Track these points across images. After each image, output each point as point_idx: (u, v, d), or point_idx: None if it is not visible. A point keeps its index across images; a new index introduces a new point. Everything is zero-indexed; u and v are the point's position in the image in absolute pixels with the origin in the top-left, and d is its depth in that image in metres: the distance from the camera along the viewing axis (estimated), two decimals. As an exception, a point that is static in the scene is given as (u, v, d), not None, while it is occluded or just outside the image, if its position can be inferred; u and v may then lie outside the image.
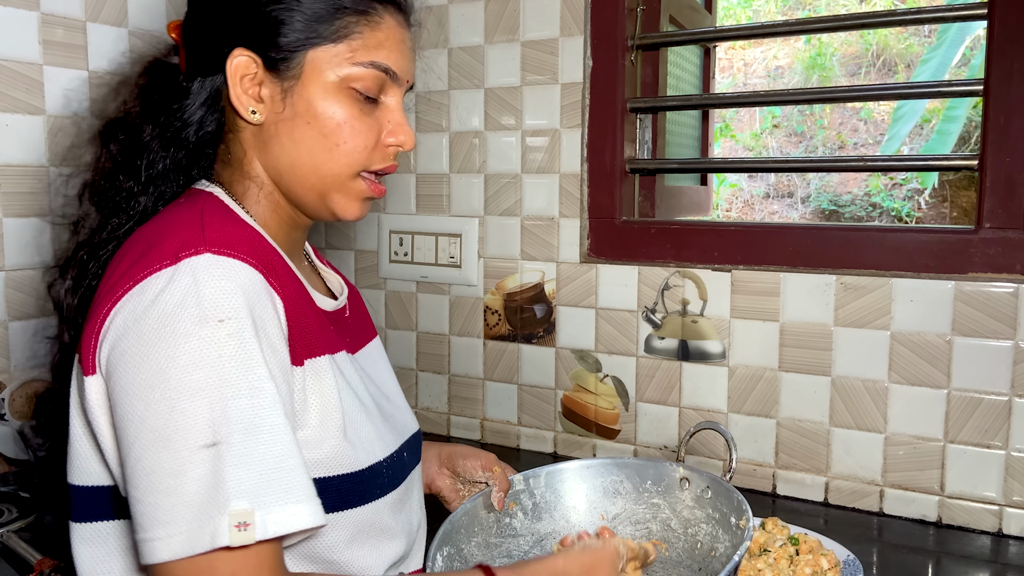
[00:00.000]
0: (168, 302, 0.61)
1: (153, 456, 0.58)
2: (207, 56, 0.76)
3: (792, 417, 1.37)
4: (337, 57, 0.74)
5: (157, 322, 0.60)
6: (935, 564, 1.17)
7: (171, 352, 0.59)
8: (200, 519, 0.57)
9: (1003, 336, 1.21)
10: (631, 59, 1.51)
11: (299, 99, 0.74)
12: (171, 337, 0.60)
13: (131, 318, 0.62)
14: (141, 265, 0.64)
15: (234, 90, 0.74)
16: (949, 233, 1.25)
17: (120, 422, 0.61)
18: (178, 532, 0.57)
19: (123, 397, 0.61)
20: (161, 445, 0.58)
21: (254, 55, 0.74)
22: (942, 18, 1.39)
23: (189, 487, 0.57)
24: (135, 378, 0.60)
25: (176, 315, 0.60)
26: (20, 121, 1.34)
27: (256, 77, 0.74)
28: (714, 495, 1.00)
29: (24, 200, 1.35)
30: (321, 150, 0.74)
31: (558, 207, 1.56)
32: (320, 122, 0.74)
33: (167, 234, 0.66)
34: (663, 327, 1.47)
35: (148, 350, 0.60)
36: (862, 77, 6.06)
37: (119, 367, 0.61)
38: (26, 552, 1.03)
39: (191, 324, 0.60)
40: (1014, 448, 1.22)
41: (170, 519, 0.57)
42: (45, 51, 1.37)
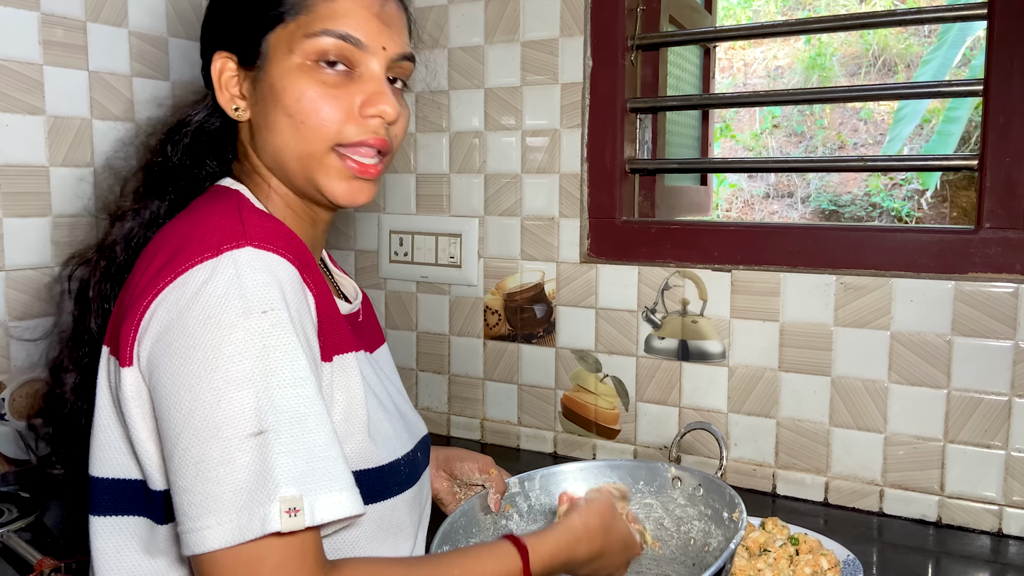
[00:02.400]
0: (212, 294, 0.61)
1: (202, 445, 0.59)
2: (204, 63, 0.80)
3: (792, 417, 1.37)
4: (293, 35, 0.73)
5: (202, 313, 0.61)
6: (935, 564, 1.17)
7: (217, 343, 0.60)
8: (250, 506, 0.57)
9: (1003, 336, 1.21)
10: (631, 59, 1.51)
11: (265, 84, 0.74)
12: (216, 328, 0.60)
13: (175, 310, 0.62)
14: (182, 258, 0.64)
15: (217, 92, 0.76)
16: (949, 233, 1.25)
17: (165, 413, 0.61)
18: (228, 520, 0.57)
19: (169, 388, 0.61)
20: (210, 434, 0.59)
21: (230, 55, 0.76)
22: (942, 18, 1.39)
23: (238, 475, 0.58)
24: (182, 369, 0.60)
25: (221, 306, 0.61)
26: (20, 121, 1.34)
27: (237, 76, 0.76)
28: (706, 492, 1.01)
29: (24, 200, 1.35)
30: (289, 130, 0.73)
31: (558, 207, 1.56)
32: (284, 102, 0.73)
33: (206, 227, 0.67)
34: (663, 327, 1.47)
35: (194, 341, 0.60)
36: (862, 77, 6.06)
37: (164, 359, 0.62)
38: (26, 552, 1.03)
39: (236, 315, 0.61)
40: (1014, 448, 1.22)
41: (220, 507, 0.58)
42: (45, 51, 1.37)
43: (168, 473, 0.62)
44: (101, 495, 0.71)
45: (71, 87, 1.41)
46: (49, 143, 1.38)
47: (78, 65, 1.42)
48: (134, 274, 0.71)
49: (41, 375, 1.36)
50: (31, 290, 1.37)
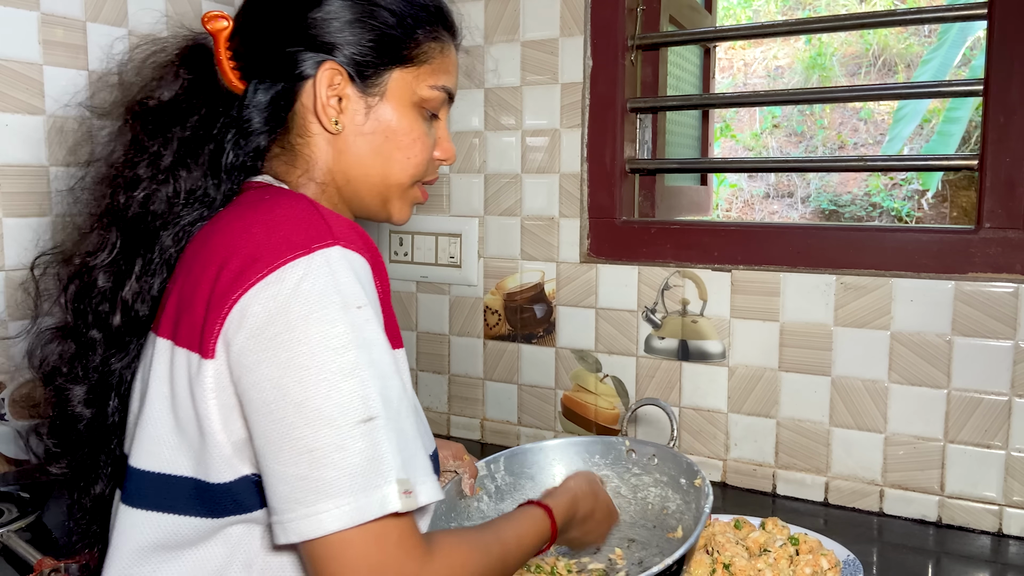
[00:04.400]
0: (311, 290, 0.64)
1: (315, 434, 0.61)
2: (281, 62, 0.78)
3: (792, 417, 1.37)
4: (417, 79, 0.81)
5: (304, 308, 0.63)
6: (935, 564, 1.17)
7: (323, 336, 0.62)
8: (367, 489, 0.61)
9: (1003, 336, 1.21)
10: (631, 59, 1.51)
11: (381, 115, 0.80)
12: (320, 322, 0.63)
13: (273, 306, 0.63)
14: (271, 254, 0.65)
15: (320, 100, 0.77)
16: (949, 233, 1.25)
17: (268, 405, 0.63)
18: (346, 502, 0.60)
19: (274, 380, 0.63)
20: (323, 423, 0.61)
21: (342, 69, 0.78)
22: (942, 18, 1.39)
23: (353, 460, 0.61)
24: (289, 362, 0.62)
25: (321, 302, 0.63)
26: (20, 121, 1.34)
27: (339, 89, 0.78)
28: (660, 461, 1.11)
29: (24, 200, 1.35)
30: (393, 161, 0.81)
31: (558, 207, 1.56)
32: (398, 137, 0.80)
33: (291, 225, 0.68)
34: (663, 327, 1.47)
35: (299, 335, 0.62)
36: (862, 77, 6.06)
37: (266, 352, 0.63)
38: (26, 552, 1.03)
39: (336, 310, 0.63)
40: (1014, 448, 1.22)
41: (337, 491, 0.60)
42: (45, 51, 1.37)
43: (269, 462, 0.63)
44: (146, 488, 0.71)
45: (71, 87, 1.41)
46: (49, 143, 1.38)
47: (78, 65, 1.42)
48: (195, 268, 0.70)
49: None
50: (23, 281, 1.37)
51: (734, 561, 1.03)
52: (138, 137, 0.78)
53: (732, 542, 1.08)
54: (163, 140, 0.78)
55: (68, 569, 0.98)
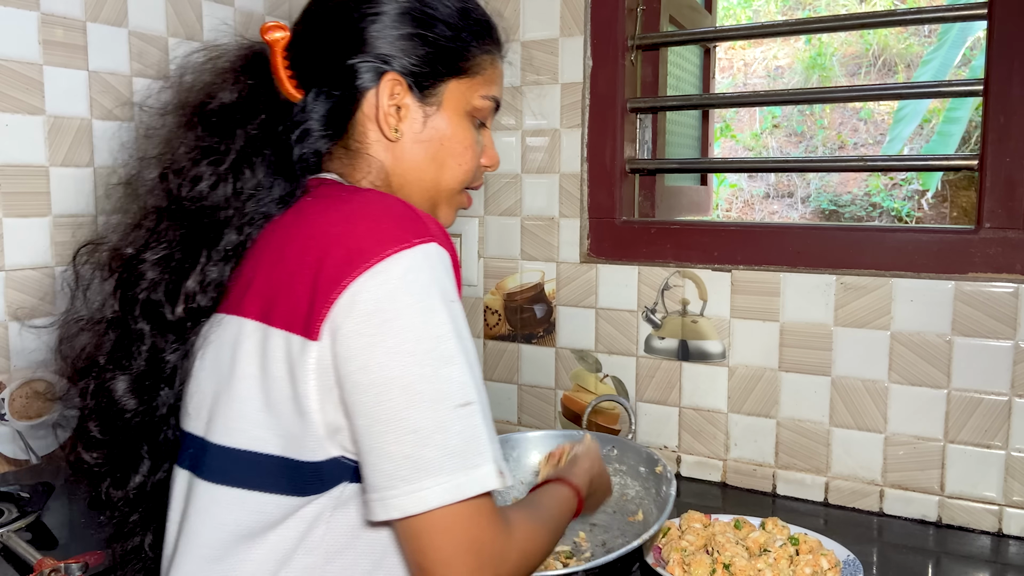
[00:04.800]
0: (417, 281, 0.68)
1: (419, 415, 0.66)
2: (336, 73, 0.82)
3: (792, 417, 1.37)
4: (470, 90, 0.86)
5: (410, 298, 0.67)
6: (935, 564, 1.17)
7: (427, 324, 0.67)
8: (466, 468, 0.65)
9: (1003, 336, 1.21)
10: (631, 59, 1.51)
11: (438, 123, 0.84)
12: (426, 311, 0.67)
13: (382, 294, 0.67)
14: (376, 246, 0.68)
15: (382, 109, 0.81)
16: (949, 233, 1.25)
17: (373, 386, 0.66)
18: (446, 480, 0.65)
19: (381, 364, 0.66)
20: (426, 406, 0.66)
21: (403, 80, 0.82)
22: (942, 18, 1.39)
23: (453, 440, 0.66)
24: (397, 347, 0.66)
25: (425, 292, 0.68)
26: (20, 121, 1.34)
27: (397, 98, 0.82)
28: (620, 452, 1.19)
29: (24, 200, 1.35)
30: (446, 168, 0.86)
31: (558, 207, 1.56)
32: (451, 144, 0.85)
33: (392, 220, 0.71)
34: (663, 327, 1.47)
35: (406, 323, 0.67)
36: (862, 77, 6.06)
37: (376, 337, 0.67)
38: (26, 552, 1.03)
39: (438, 301, 0.68)
40: (1014, 448, 1.22)
41: (438, 469, 0.65)
42: (45, 51, 1.37)
43: (373, 441, 0.67)
44: (230, 465, 0.73)
45: (71, 87, 1.41)
46: (49, 143, 1.38)
47: (78, 65, 1.42)
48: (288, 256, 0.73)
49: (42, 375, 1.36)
50: (31, 290, 1.37)
51: (734, 561, 1.03)
52: (201, 136, 0.81)
53: (732, 542, 1.08)
54: (227, 139, 0.80)
55: (68, 569, 0.98)
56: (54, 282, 1.40)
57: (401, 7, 0.82)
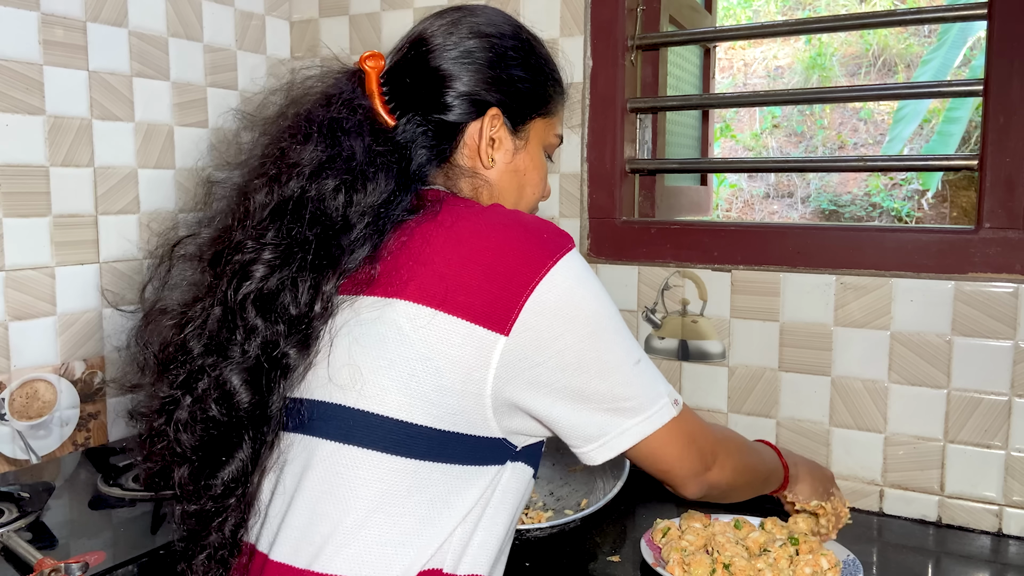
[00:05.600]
0: (582, 278, 0.82)
1: (612, 377, 0.82)
2: (436, 103, 0.91)
3: (792, 417, 1.37)
4: (548, 128, 0.99)
5: (583, 291, 0.81)
6: (935, 564, 1.17)
7: (597, 308, 0.82)
8: (653, 406, 0.84)
9: (1003, 336, 1.21)
10: (631, 59, 1.51)
11: (524, 156, 0.96)
12: (594, 299, 0.82)
13: (563, 291, 0.80)
14: (546, 253, 0.81)
15: (483, 140, 0.92)
16: (949, 233, 1.25)
17: (570, 365, 0.80)
18: (644, 419, 0.83)
19: (573, 347, 0.80)
20: (615, 368, 0.82)
21: (501, 115, 0.93)
22: (942, 18, 1.39)
23: (639, 390, 0.83)
24: (583, 329, 0.80)
25: (591, 285, 0.83)
26: (20, 121, 1.34)
27: (495, 132, 0.93)
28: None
29: (24, 200, 1.35)
30: (525, 195, 0.98)
31: (558, 207, 1.56)
32: (531, 175, 0.97)
33: (547, 231, 0.83)
34: (663, 327, 1.47)
35: (585, 310, 0.81)
36: (862, 77, 6.06)
37: (566, 326, 0.80)
38: (26, 552, 1.03)
39: (599, 289, 0.84)
40: (1014, 448, 1.22)
41: (636, 413, 0.83)
42: (45, 51, 1.37)
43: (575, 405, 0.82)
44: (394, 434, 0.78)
45: (71, 87, 1.41)
46: (49, 143, 1.38)
47: (78, 65, 1.42)
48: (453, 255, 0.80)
49: (41, 374, 1.36)
50: (32, 290, 1.37)
51: (734, 561, 1.03)
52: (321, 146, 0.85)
53: (732, 542, 1.08)
54: (349, 152, 0.85)
55: (68, 569, 0.98)
56: (54, 282, 1.40)
57: (502, 52, 0.93)
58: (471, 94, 0.92)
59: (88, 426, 1.46)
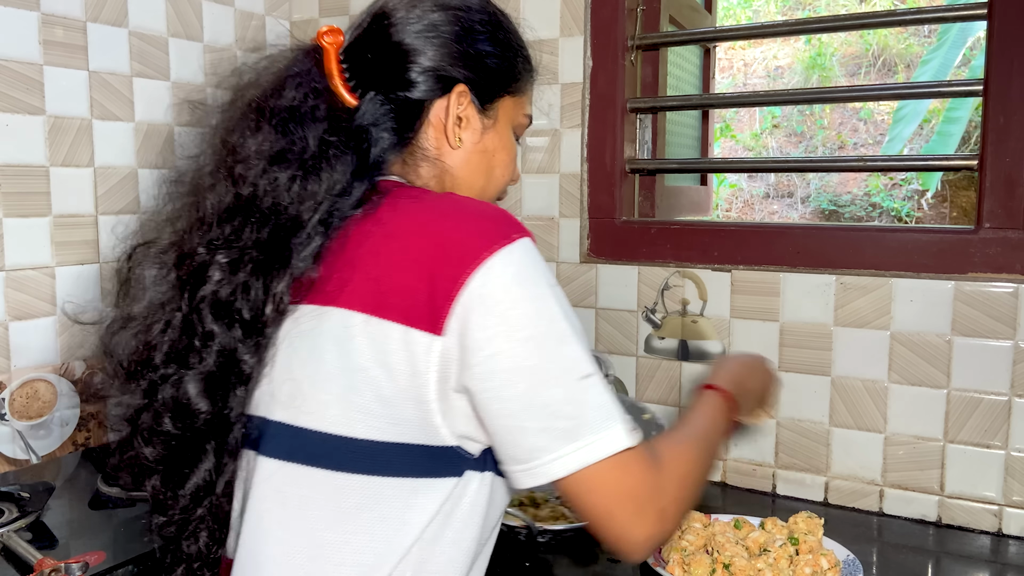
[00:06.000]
0: (526, 272, 0.73)
1: (550, 392, 0.71)
2: (400, 80, 0.85)
3: (792, 417, 1.37)
4: (517, 107, 0.92)
5: (523, 288, 0.73)
6: (935, 564, 1.17)
7: (541, 310, 0.73)
8: (606, 427, 0.71)
9: (1003, 336, 1.21)
10: (631, 59, 1.51)
11: (493, 136, 0.90)
12: (537, 299, 0.73)
13: (499, 286, 0.72)
14: (483, 242, 0.73)
15: (450, 119, 0.86)
16: (949, 233, 1.25)
17: (504, 372, 0.72)
18: (585, 445, 0.71)
19: (507, 351, 0.71)
20: (555, 382, 0.72)
21: (469, 92, 0.86)
22: (942, 18, 1.39)
23: (583, 409, 0.72)
24: (519, 334, 0.72)
25: (534, 281, 0.73)
26: (20, 121, 1.34)
27: (462, 110, 0.86)
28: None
29: (24, 200, 1.35)
30: (493, 177, 0.92)
31: (558, 207, 1.56)
32: (500, 156, 0.91)
33: (488, 219, 0.76)
34: (663, 327, 1.47)
35: (523, 311, 0.72)
36: (862, 77, 6.06)
37: (499, 328, 0.71)
38: (26, 552, 1.03)
39: (545, 287, 0.74)
40: (1014, 448, 1.22)
41: (575, 436, 0.71)
42: (45, 51, 1.37)
43: (510, 421, 0.72)
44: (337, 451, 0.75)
45: (71, 87, 1.41)
46: (49, 143, 1.38)
47: (78, 65, 1.42)
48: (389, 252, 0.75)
49: (42, 375, 1.36)
50: (32, 290, 1.37)
51: (734, 561, 1.03)
52: (271, 137, 0.81)
53: (732, 542, 1.08)
54: (301, 141, 0.81)
55: (68, 569, 0.98)
56: (54, 282, 1.40)
57: (468, 25, 0.87)
58: (436, 69, 0.85)
59: (88, 426, 1.46)
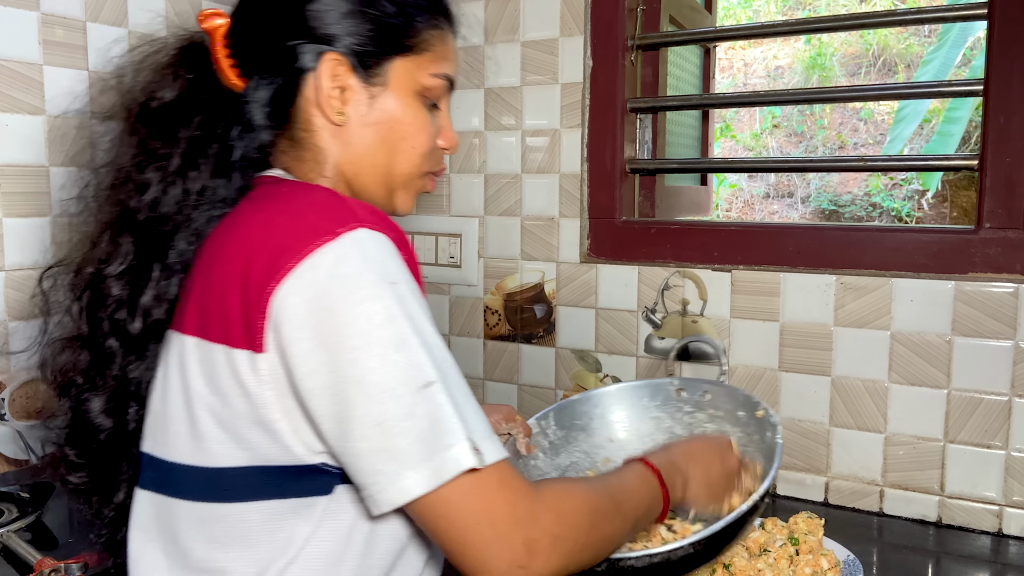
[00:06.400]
0: (346, 272, 0.64)
1: (380, 407, 0.63)
2: (280, 56, 0.77)
3: (792, 417, 1.37)
4: (418, 68, 0.80)
5: (343, 291, 0.64)
6: (935, 564, 1.17)
7: (366, 313, 0.64)
8: (440, 450, 0.62)
9: (1003, 336, 1.21)
10: (631, 59, 1.51)
11: (384, 105, 0.79)
12: (361, 301, 0.64)
13: (312, 292, 0.64)
14: (300, 243, 0.65)
15: (323, 92, 0.77)
16: (949, 233, 1.25)
17: (326, 389, 0.64)
18: (424, 467, 0.62)
19: (328, 365, 0.64)
20: (385, 396, 0.63)
21: (345, 60, 0.77)
22: (942, 18, 1.39)
23: (421, 424, 0.63)
24: (340, 345, 0.63)
25: (358, 282, 0.64)
26: (20, 121, 1.34)
27: (340, 80, 0.77)
28: (713, 396, 1.07)
29: (24, 200, 1.35)
30: (399, 152, 0.81)
31: (558, 207, 1.56)
32: (402, 127, 0.80)
33: (315, 213, 0.68)
34: (663, 327, 1.47)
35: (344, 317, 0.63)
36: (862, 77, 6.06)
37: (316, 339, 0.64)
38: (26, 552, 1.03)
39: (373, 287, 0.64)
40: (1014, 448, 1.22)
41: (414, 458, 0.62)
42: (45, 51, 1.37)
43: (343, 443, 0.65)
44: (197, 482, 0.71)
45: (71, 87, 1.41)
46: (49, 143, 1.38)
47: (78, 65, 1.42)
48: (218, 264, 0.70)
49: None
50: (31, 290, 1.37)
51: (734, 561, 1.03)
52: (144, 140, 0.78)
53: (732, 542, 1.08)
54: (170, 141, 0.77)
55: (68, 569, 0.98)
56: (54, 282, 1.40)
57: None
58: (304, 37, 0.76)
59: (88, 426, 1.46)
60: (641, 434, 1.12)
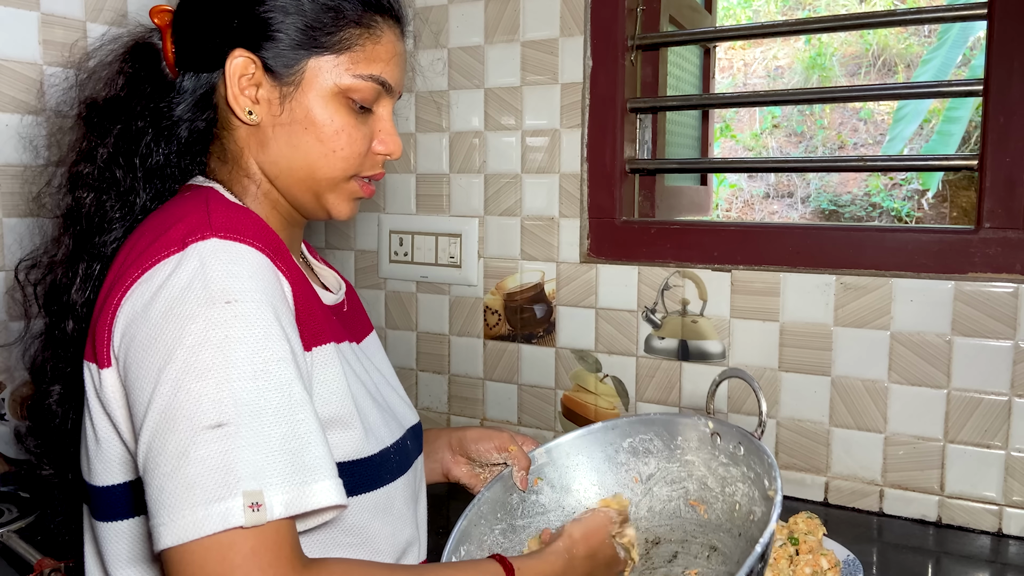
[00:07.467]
0: (175, 286, 0.61)
1: (161, 438, 0.58)
2: (202, 52, 0.76)
3: (792, 417, 1.37)
4: (338, 68, 0.76)
5: (164, 306, 0.61)
6: (935, 564, 1.17)
7: (177, 333, 0.59)
8: (207, 501, 0.56)
9: (1003, 336, 1.21)
10: (631, 59, 1.51)
11: (298, 105, 0.75)
12: (176, 319, 0.60)
13: (139, 305, 0.62)
14: (148, 254, 0.64)
15: (232, 90, 0.75)
16: (949, 233, 1.25)
17: (132, 409, 0.62)
18: (180, 516, 0.56)
19: (134, 383, 0.61)
20: (168, 426, 0.58)
21: (254, 57, 0.75)
22: (942, 18, 1.39)
23: (192, 469, 0.56)
24: (144, 362, 0.60)
25: (182, 298, 0.61)
26: (20, 121, 1.34)
27: (253, 78, 0.75)
28: (746, 452, 0.93)
29: (24, 200, 1.35)
30: (318, 155, 0.76)
31: (558, 207, 1.56)
32: (318, 129, 0.76)
33: (173, 223, 0.66)
34: (663, 327, 1.47)
35: (156, 333, 0.60)
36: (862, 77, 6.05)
37: (129, 354, 0.62)
38: (26, 552, 1.03)
39: (197, 305, 0.60)
40: (1014, 448, 1.22)
41: (173, 503, 0.56)
42: (45, 51, 1.37)
43: (144, 470, 0.60)
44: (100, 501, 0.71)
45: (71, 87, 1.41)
46: (49, 143, 1.38)
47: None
48: (109, 275, 0.71)
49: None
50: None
51: (735, 561, 1.03)
52: (84, 135, 0.78)
53: (732, 542, 1.08)
54: (101, 137, 0.76)
55: (68, 569, 0.98)
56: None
57: None
58: (221, 32, 0.74)
59: (88, 426, 1.46)
60: (670, 478, 0.98)
